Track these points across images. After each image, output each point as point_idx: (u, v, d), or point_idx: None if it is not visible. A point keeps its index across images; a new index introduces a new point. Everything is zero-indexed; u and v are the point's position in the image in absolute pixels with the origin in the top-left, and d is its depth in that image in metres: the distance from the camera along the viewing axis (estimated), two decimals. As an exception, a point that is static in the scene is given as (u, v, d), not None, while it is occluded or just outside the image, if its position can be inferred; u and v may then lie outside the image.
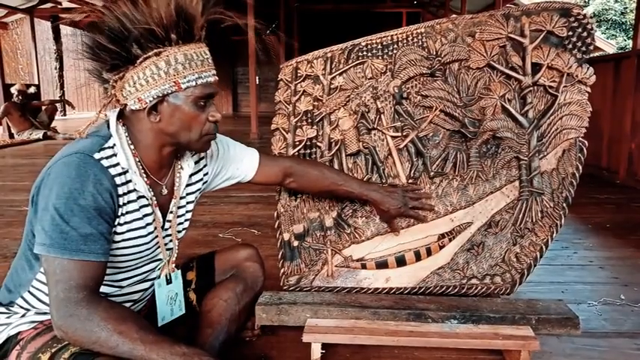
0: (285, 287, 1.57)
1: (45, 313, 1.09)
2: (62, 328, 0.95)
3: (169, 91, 1.02)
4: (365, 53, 1.51)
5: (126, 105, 1.05)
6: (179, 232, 1.24)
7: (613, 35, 17.65)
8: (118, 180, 1.03)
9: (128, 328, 0.96)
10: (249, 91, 7.85)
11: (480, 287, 1.52)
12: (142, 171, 1.10)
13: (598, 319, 1.68)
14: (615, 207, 3.32)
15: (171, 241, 1.21)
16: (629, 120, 4.06)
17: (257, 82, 8.05)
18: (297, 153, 1.55)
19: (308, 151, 1.55)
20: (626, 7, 17.73)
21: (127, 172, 1.05)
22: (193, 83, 1.03)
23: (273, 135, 1.57)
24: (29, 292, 1.11)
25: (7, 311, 1.13)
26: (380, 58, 1.50)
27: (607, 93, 4.38)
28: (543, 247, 1.49)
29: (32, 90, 8.04)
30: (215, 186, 1.37)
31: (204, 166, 1.29)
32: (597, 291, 1.91)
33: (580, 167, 1.46)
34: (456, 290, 1.52)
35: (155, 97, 1.02)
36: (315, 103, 1.54)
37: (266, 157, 1.40)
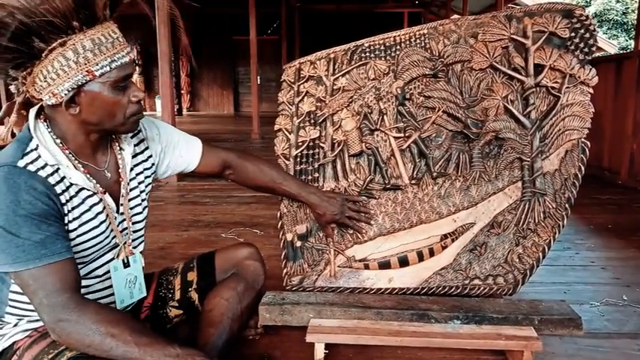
0: (288, 287, 1.58)
1: (37, 320, 1.08)
2: (56, 332, 0.96)
3: (84, 81, 0.96)
4: (368, 54, 1.51)
5: (42, 99, 1.00)
6: (136, 214, 1.20)
7: (614, 35, 17.64)
8: (52, 180, 0.99)
9: (121, 330, 0.95)
10: (251, 91, 7.86)
11: (482, 288, 1.52)
12: (76, 162, 1.05)
13: (600, 320, 1.69)
14: (617, 207, 3.32)
15: (126, 227, 1.17)
16: (631, 120, 4.06)
17: (258, 82, 8.04)
18: (299, 154, 1.55)
19: (311, 151, 1.55)
20: (628, 7, 17.71)
21: (58, 169, 1.01)
22: (107, 68, 0.97)
23: (275, 135, 1.58)
24: (11, 306, 1.10)
25: None
26: (383, 59, 1.50)
27: (608, 93, 4.37)
28: (546, 247, 1.49)
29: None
30: (162, 173, 1.34)
31: (147, 148, 1.25)
32: (599, 292, 1.92)
33: (582, 168, 1.46)
34: (459, 291, 1.52)
35: (70, 89, 0.96)
36: (318, 104, 1.54)
37: (208, 147, 1.38)
